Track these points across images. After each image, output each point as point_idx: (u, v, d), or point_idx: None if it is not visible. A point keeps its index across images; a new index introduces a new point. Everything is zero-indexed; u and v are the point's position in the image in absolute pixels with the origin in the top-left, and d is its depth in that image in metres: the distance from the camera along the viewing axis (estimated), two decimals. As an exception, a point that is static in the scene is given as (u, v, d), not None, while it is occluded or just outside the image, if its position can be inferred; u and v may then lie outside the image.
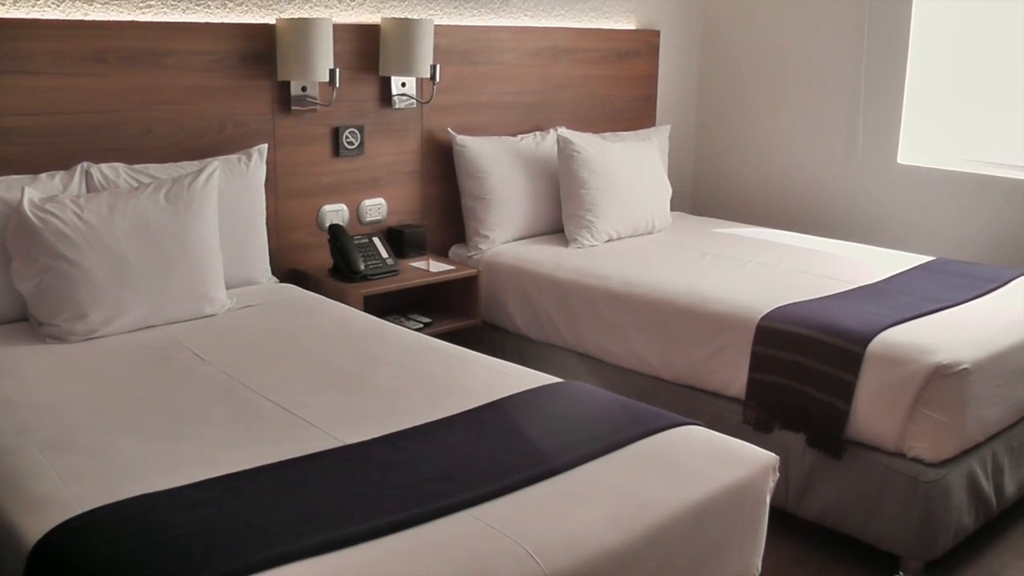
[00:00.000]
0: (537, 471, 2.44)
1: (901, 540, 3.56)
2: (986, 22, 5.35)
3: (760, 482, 2.70)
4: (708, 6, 6.34)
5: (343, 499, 2.26)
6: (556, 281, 4.55)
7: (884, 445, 3.58)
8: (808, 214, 5.99)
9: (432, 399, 2.91)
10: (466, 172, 4.89)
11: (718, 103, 6.41)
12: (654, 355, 4.20)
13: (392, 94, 4.72)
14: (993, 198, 5.27)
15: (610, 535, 2.24)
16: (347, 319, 3.72)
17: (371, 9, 4.64)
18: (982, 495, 3.72)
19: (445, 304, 4.78)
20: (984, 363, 3.58)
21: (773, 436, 3.79)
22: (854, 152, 5.80)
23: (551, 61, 5.39)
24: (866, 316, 3.81)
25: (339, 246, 4.36)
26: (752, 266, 4.59)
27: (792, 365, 3.75)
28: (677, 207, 5.99)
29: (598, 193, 4.94)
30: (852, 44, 5.73)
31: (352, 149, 4.61)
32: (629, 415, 2.83)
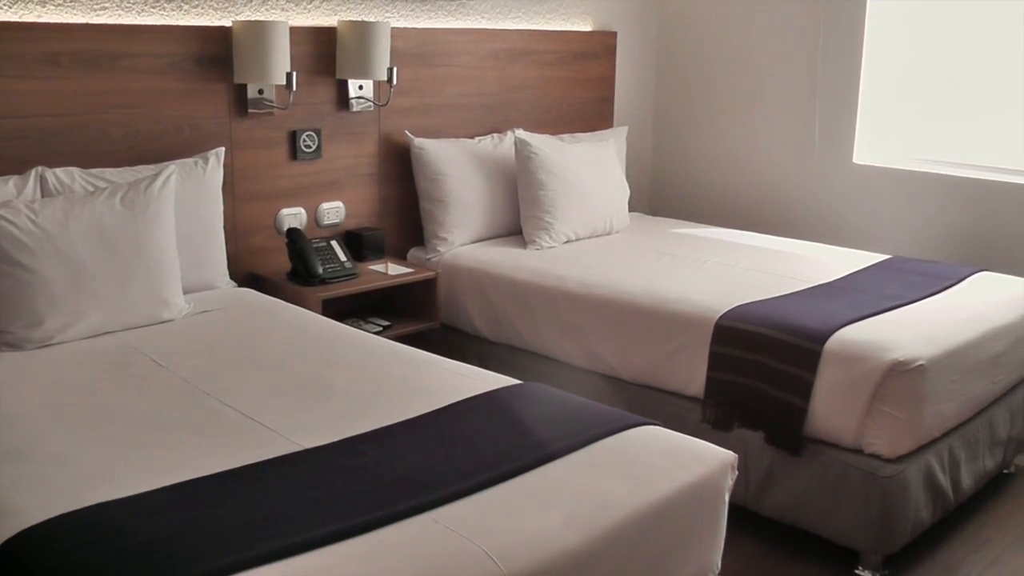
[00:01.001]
0: (496, 473, 2.45)
1: (860, 535, 3.60)
2: (938, 23, 5.40)
3: (719, 480, 2.71)
4: (664, 7, 6.37)
5: (303, 504, 2.26)
6: (515, 283, 4.56)
7: (842, 442, 3.62)
8: (765, 214, 6.03)
9: (391, 402, 2.91)
10: (424, 175, 4.88)
11: (675, 104, 6.43)
12: (613, 355, 4.22)
13: (349, 97, 4.72)
14: (947, 197, 5.32)
15: (569, 535, 2.25)
16: (306, 323, 3.72)
17: (327, 12, 4.64)
18: (939, 489, 3.77)
19: (404, 307, 4.78)
20: (940, 359, 3.63)
21: (732, 434, 3.82)
22: (810, 152, 5.84)
23: (508, 63, 5.40)
24: (823, 314, 3.85)
25: (297, 250, 4.35)
26: (710, 266, 4.61)
27: (750, 364, 3.78)
28: (635, 208, 6.01)
29: (556, 195, 4.95)
30: (807, 45, 5.77)
31: (310, 152, 4.60)
32: (588, 416, 2.84)
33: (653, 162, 6.56)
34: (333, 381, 3.09)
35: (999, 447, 4.23)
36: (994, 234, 5.17)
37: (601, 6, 5.98)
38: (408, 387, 3.07)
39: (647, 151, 6.52)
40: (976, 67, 5.32)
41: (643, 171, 6.47)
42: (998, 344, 4.03)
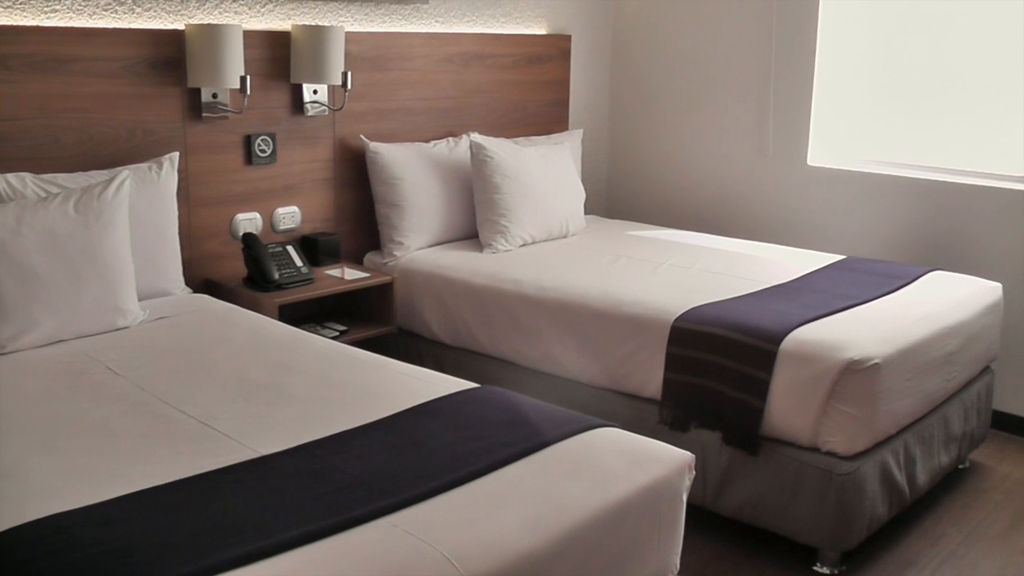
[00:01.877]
0: (454, 476, 2.45)
1: (817, 532, 3.64)
2: (890, 26, 5.45)
3: (676, 481, 2.73)
4: (618, 11, 6.39)
5: (260, 511, 2.25)
6: (471, 287, 4.55)
7: (799, 440, 3.65)
8: (721, 216, 6.06)
9: (348, 407, 2.91)
10: (379, 179, 4.87)
11: (630, 106, 6.45)
12: (570, 358, 4.23)
13: (304, 101, 4.70)
14: (900, 198, 5.37)
15: (528, 538, 2.25)
16: (262, 329, 3.70)
17: (281, 16, 4.62)
18: (895, 486, 3.82)
19: (361, 312, 4.77)
20: (894, 358, 3.67)
21: (690, 435, 3.84)
22: (765, 154, 5.88)
23: (463, 67, 5.40)
24: (779, 315, 3.87)
25: (253, 255, 4.33)
26: (666, 268, 4.63)
27: (707, 365, 3.80)
28: (591, 210, 6.03)
29: (512, 198, 4.95)
30: (761, 48, 5.80)
31: (265, 157, 4.59)
32: (545, 419, 2.85)
33: (608, 165, 6.58)
34: (290, 387, 3.08)
35: (954, 443, 4.29)
36: (946, 234, 5.22)
37: (555, 10, 5.99)
38: (365, 392, 3.06)
39: (602, 154, 6.53)
40: (927, 69, 5.37)
41: (599, 174, 6.48)
42: (951, 342, 4.08)
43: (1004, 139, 5.14)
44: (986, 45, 5.15)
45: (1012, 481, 4.62)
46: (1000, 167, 5.14)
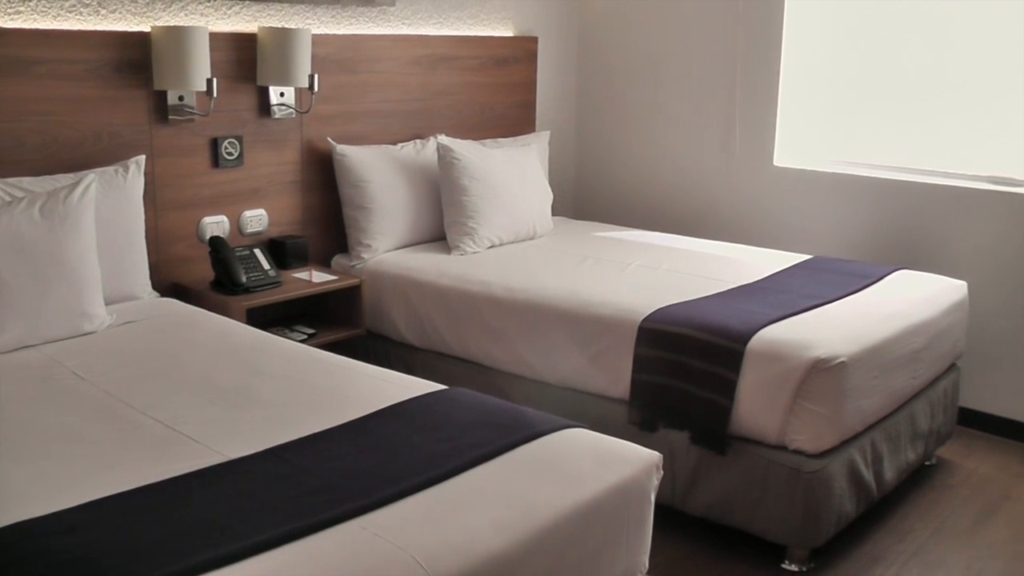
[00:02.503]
0: (423, 478, 2.45)
1: (786, 530, 3.67)
2: (854, 27, 5.48)
3: (644, 481, 2.74)
4: (584, 12, 6.40)
5: (228, 515, 2.24)
6: (439, 289, 4.55)
7: (767, 439, 3.67)
8: (688, 216, 6.07)
9: (317, 410, 2.91)
10: (347, 181, 4.87)
11: (597, 108, 6.46)
12: (538, 359, 4.23)
13: (271, 104, 4.69)
14: (866, 198, 5.40)
15: (496, 539, 2.26)
16: (230, 332, 3.69)
17: (247, 18, 4.61)
18: (863, 483, 3.85)
19: (329, 314, 4.76)
20: (860, 356, 3.70)
21: (658, 435, 3.85)
22: (731, 155, 5.90)
23: (430, 69, 5.40)
24: (746, 314, 3.89)
25: (220, 258, 4.32)
26: (633, 268, 4.64)
27: (675, 365, 3.81)
28: (558, 212, 6.03)
29: (479, 200, 4.95)
30: (727, 50, 5.82)
31: (232, 160, 4.57)
32: (513, 420, 2.85)
33: (576, 166, 6.59)
34: (258, 390, 3.07)
35: (920, 440, 4.32)
36: (912, 233, 5.25)
37: (522, 12, 6.00)
38: (333, 394, 3.06)
39: (570, 155, 6.54)
40: (891, 70, 5.40)
41: (566, 175, 6.49)
42: (917, 340, 4.11)
43: (968, 139, 5.18)
44: (950, 46, 5.18)
45: (978, 477, 4.66)
46: (964, 167, 5.18)
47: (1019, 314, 5.00)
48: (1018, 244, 4.95)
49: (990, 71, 5.07)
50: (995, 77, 5.05)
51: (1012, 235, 4.97)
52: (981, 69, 5.09)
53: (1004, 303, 5.02)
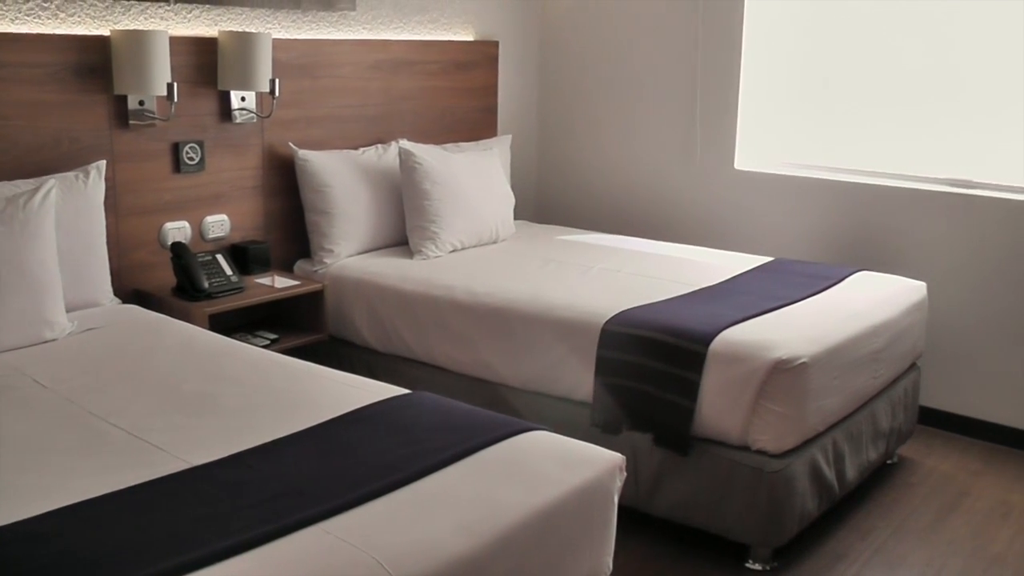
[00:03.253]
0: (386, 482, 2.45)
1: (749, 529, 3.69)
2: (815, 31, 5.52)
3: (607, 482, 2.75)
4: (545, 16, 6.41)
5: (192, 522, 2.24)
6: (402, 293, 4.55)
7: (729, 439, 3.69)
8: (649, 219, 6.09)
9: (280, 415, 2.90)
10: (309, 186, 4.86)
11: (558, 112, 6.48)
12: (501, 363, 4.24)
13: (232, 108, 4.68)
14: (826, 200, 5.44)
15: (460, 542, 2.26)
16: (192, 338, 3.67)
17: (208, 22, 4.59)
18: (824, 481, 3.87)
19: (292, 320, 4.75)
20: (821, 357, 3.72)
21: (622, 437, 3.87)
22: (692, 158, 5.92)
23: (391, 73, 5.40)
24: (708, 316, 3.91)
25: (182, 264, 4.31)
26: (595, 272, 4.65)
27: (637, 367, 3.83)
28: (520, 216, 6.04)
29: (441, 204, 4.95)
30: (687, 54, 5.85)
31: (193, 165, 4.56)
32: (476, 423, 2.86)
33: (537, 170, 6.60)
34: (221, 396, 3.07)
35: (882, 439, 4.35)
36: (871, 235, 5.30)
37: (482, 16, 6.01)
38: (297, 400, 3.06)
39: (531, 159, 6.55)
40: (851, 73, 5.45)
41: (528, 179, 6.50)
42: (877, 340, 4.15)
43: (926, 141, 5.22)
44: (907, 50, 5.23)
45: (939, 475, 4.70)
46: (923, 169, 5.23)
47: (977, 313, 5.05)
48: (976, 245, 5.01)
49: (947, 74, 5.12)
50: (952, 80, 5.10)
51: (970, 236, 5.02)
52: (938, 72, 5.14)
53: (963, 303, 5.07)
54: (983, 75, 5.02)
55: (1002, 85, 4.98)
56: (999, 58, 4.97)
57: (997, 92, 5.00)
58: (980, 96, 5.04)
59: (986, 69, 5.01)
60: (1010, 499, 4.49)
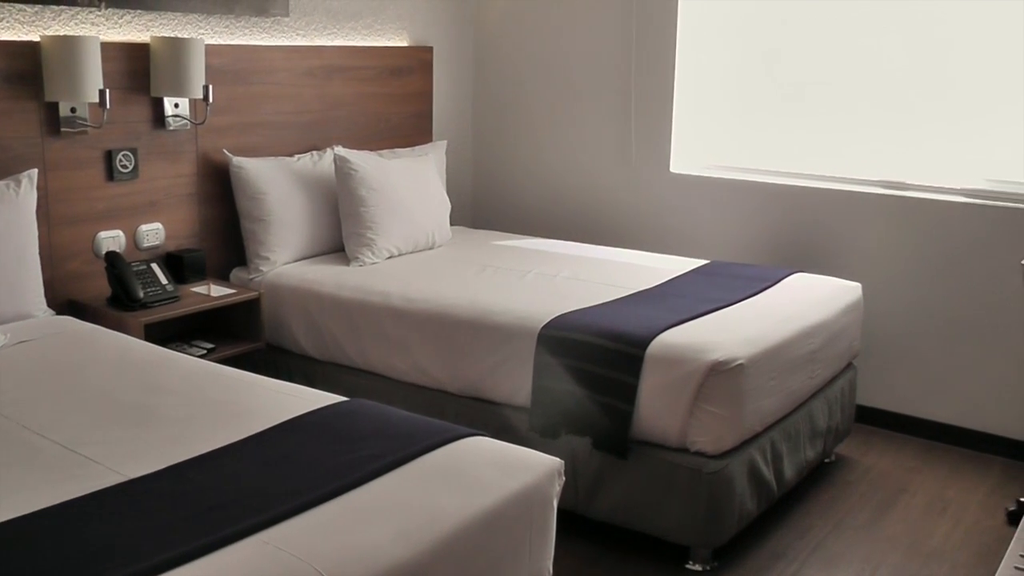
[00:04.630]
0: (325, 491, 2.45)
1: (689, 530, 3.72)
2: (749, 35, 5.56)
3: (546, 487, 2.76)
4: (479, 21, 6.41)
5: (129, 536, 2.22)
6: (339, 300, 4.54)
7: (668, 442, 3.71)
8: (586, 224, 6.11)
9: (218, 426, 2.88)
10: (244, 194, 4.83)
11: (494, 117, 6.48)
12: (439, 369, 4.24)
13: (165, 115, 4.63)
14: (762, 203, 5.49)
15: (399, 549, 2.26)
16: (128, 349, 3.64)
17: (139, 27, 4.55)
18: (763, 481, 3.91)
19: (228, 329, 4.71)
20: (758, 358, 3.76)
21: (561, 441, 3.87)
22: (628, 162, 5.95)
23: (325, 80, 5.38)
24: (645, 319, 3.93)
25: (116, 274, 4.26)
26: (532, 276, 4.66)
27: (575, 371, 3.84)
28: (457, 221, 6.04)
29: (377, 210, 4.94)
30: (622, 58, 5.87)
31: (126, 173, 4.51)
32: (414, 430, 2.86)
33: (473, 175, 6.60)
34: (158, 408, 3.04)
35: (819, 438, 4.40)
36: (807, 237, 5.35)
37: (416, 22, 6.00)
38: (234, 409, 3.04)
39: (467, 164, 6.55)
40: (784, 77, 5.50)
41: (464, 184, 6.50)
42: (813, 341, 4.19)
43: (860, 144, 5.28)
44: (840, 53, 5.28)
45: (876, 472, 4.75)
46: (857, 172, 5.28)
47: (912, 313, 5.12)
48: (909, 245, 5.07)
49: (880, 77, 5.18)
50: (884, 83, 5.16)
51: (903, 237, 5.09)
52: (871, 75, 5.20)
53: (897, 303, 5.14)
54: (915, 78, 5.09)
55: (934, 88, 5.05)
56: (931, 62, 5.03)
57: (929, 95, 5.06)
58: (912, 99, 5.11)
59: (918, 72, 5.08)
60: (946, 495, 4.55)
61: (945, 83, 5.02)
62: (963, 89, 4.99)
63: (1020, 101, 4.85)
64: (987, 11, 4.87)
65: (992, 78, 4.92)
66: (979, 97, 4.96)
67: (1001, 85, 4.89)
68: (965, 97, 4.99)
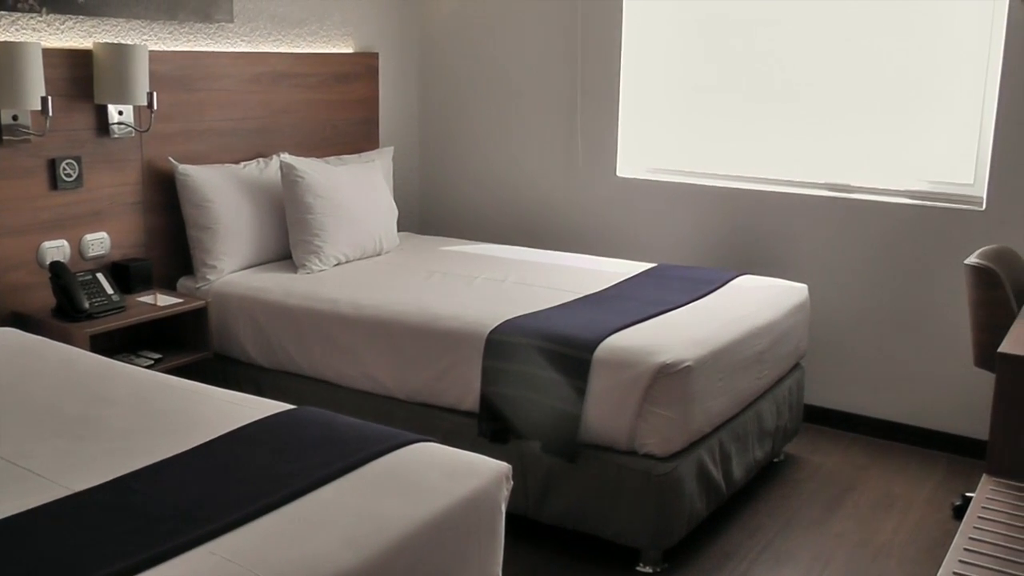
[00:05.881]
0: (272, 500, 2.44)
1: (639, 533, 3.74)
2: (693, 40, 5.60)
3: (494, 492, 2.76)
4: (425, 27, 6.41)
5: (74, 550, 2.20)
6: (286, 308, 4.52)
7: (617, 445, 3.73)
8: (534, 228, 6.13)
9: (164, 437, 2.86)
10: (190, 202, 4.79)
11: (440, 123, 6.48)
12: (388, 375, 4.23)
13: (110, 123, 4.59)
14: (708, 206, 5.52)
15: (347, 556, 2.25)
16: (73, 361, 3.60)
17: (82, 34, 4.51)
18: (712, 482, 3.93)
19: (176, 338, 4.69)
20: (706, 360, 3.78)
21: (510, 446, 3.89)
22: (575, 167, 5.97)
23: (271, 86, 5.36)
24: (592, 323, 3.95)
25: (61, 284, 4.22)
26: (480, 282, 4.67)
27: (523, 376, 3.85)
28: (404, 227, 6.04)
29: (324, 217, 4.93)
30: (568, 63, 5.89)
31: (70, 181, 4.47)
32: (362, 436, 2.86)
33: (420, 181, 6.60)
34: (104, 419, 3.01)
35: (768, 438, 4.43)
36: (753, 239, 5.38)
37: (362, 28, 5.99)
38: (180, 420, 3.02)
39: (414, 170, 6.55)
40: (729, 81, 5.53)
41: (411, 191, 6.50)
42: (760, 342, 4.22)
43: (805, 148, 5.33)
44: (786, 57, 5.33)
45: (825, 470, 4.80)
46: (802, 174, 5.33)
47: (858, 313, 5.17)
48: (854, 247, 5.12)
49: (825, 81, 5.23)
50: (829, 87, 5.21)
51: (848, 239, 5.14)
52: (815, 79, 5.25)
53: (843, 303, 5.19)
54: (859, 83, 5.14)
55: (877, 92, 5.10)
56: (873, 66, 5.09)
57: (872, 99, 5.12)
58: (856, 102, 5.16)
59: (861, 77, 5.13)
60: (894, 491, 4.60)
61: (888, 87, 5.08)
62: (906, 93, 5.05)
63: (961, 105, 4.91)
64: (926, 17, 4.93)
65: (934, 83, 4.98)
66: (921, 101, 5.03)
67: (942, 89, 4.96)
68: (908, 101, 5.06)
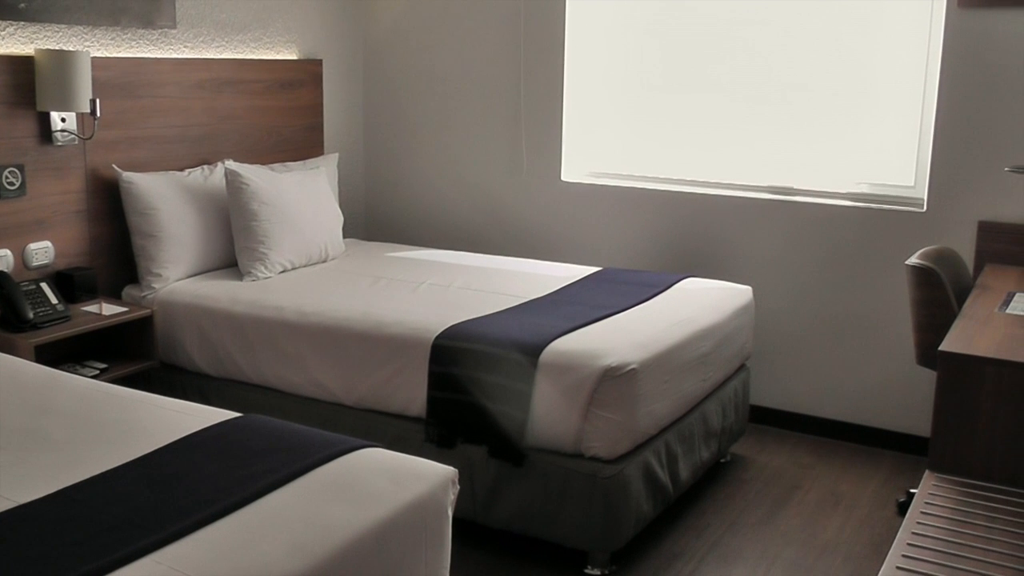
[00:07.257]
0: (218, 508, 2.44)
1: (586, 535, 3.75)
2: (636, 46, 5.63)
3: (440, 496, 2.77)
4: (369, 34, 6.41)
5: (18, 563, 2.18)
6: (232, 315, 4.51)
7: (563, 448, 3.75)
8: (478, 233, 6.14)
9: (110, 447, 2.85)
10: (134, 210, 4.77)
11: (385, 129, 6.48)
12: (334, 382, 4.23)
13: (52, 130, 4.56)
14: (653, 210, 5.56)
15: (293, 563, 2.25)
16: (17, 372, 3.56)
17: (23, 39, 4.48)
18: (659, 483, 3.96)
19: (121, 347, 4.66)
20: (650, 362, 3.81)
21: (457, 451, 3.89)
22: (519, 172, 5.99)
23: (215, 93, 5.34)
24: (537, 327, 3.97)
25: (4, 294, 4.19)
26: (425, 287, 4.68)
27: (469, 380, 3.86)
28: (350, 234, 6.04)
29: (269, 224, 4.92)
30: (511, 69, 5.91)
31: (13, 190, 4.43)
32: (307, 443, 2.85)
33: (366, 187, 6.60)
34: (48, 430, 2.99)
35: (713, 439, 4.47)
36: (697, 242, 5.43)
37: (306, 35, 5.99)
38: (126, 430, 3.01)
39: (359, 177, 6.55)
40: (673, 85, 5.57)
41: (356, 197, 6.50)
42: (705, 344, 4.25)
43: (748, 151, 5.38)
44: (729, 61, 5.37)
45: (771, 470, 4.84)
46: (746, 178, 5.38)
47: (801, 314, 5.22)
48: (797, 248, 5.18)
49: (767, 85, 5.28)
50: (773, 92, 5.28)
51: (792, 241, 5.19)
52: (759, 83, 5.30)
53: (787, 305, 5.24)
54: (801, 87, 5.20)
55: (819, 96, 5.16)
56: (815, 70, 5.15)
57: (814, 103, 5.18)
58: (798, 106, 5.22)
59: (803, 81, 5.19)
60: (839, 489, 4.65)
61: (830, 91, 5.14)
62: (848, 97, 5.12)
63: (901, 108, 4.98)
64: (866, 22, 4.99)
65: (875, 86, 5.05)
66: (863, 104, 5.10)
67: (883, 93, 5.03)
68: (850, 104, 5.13)
